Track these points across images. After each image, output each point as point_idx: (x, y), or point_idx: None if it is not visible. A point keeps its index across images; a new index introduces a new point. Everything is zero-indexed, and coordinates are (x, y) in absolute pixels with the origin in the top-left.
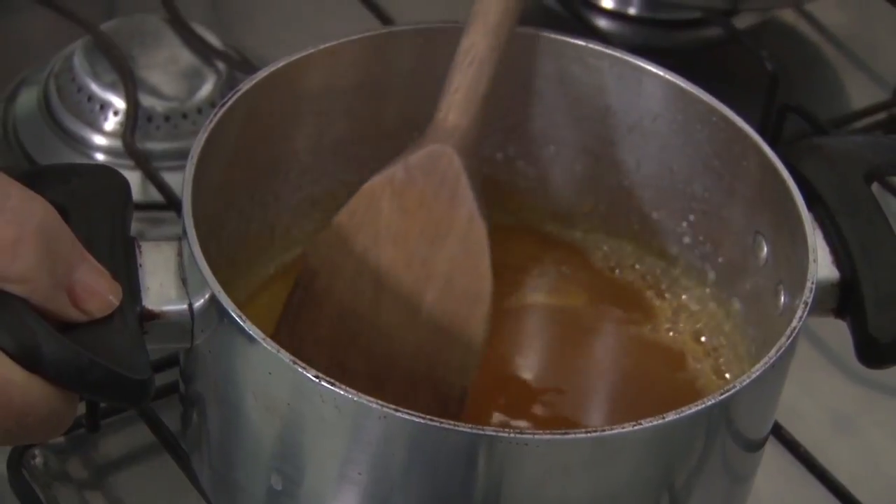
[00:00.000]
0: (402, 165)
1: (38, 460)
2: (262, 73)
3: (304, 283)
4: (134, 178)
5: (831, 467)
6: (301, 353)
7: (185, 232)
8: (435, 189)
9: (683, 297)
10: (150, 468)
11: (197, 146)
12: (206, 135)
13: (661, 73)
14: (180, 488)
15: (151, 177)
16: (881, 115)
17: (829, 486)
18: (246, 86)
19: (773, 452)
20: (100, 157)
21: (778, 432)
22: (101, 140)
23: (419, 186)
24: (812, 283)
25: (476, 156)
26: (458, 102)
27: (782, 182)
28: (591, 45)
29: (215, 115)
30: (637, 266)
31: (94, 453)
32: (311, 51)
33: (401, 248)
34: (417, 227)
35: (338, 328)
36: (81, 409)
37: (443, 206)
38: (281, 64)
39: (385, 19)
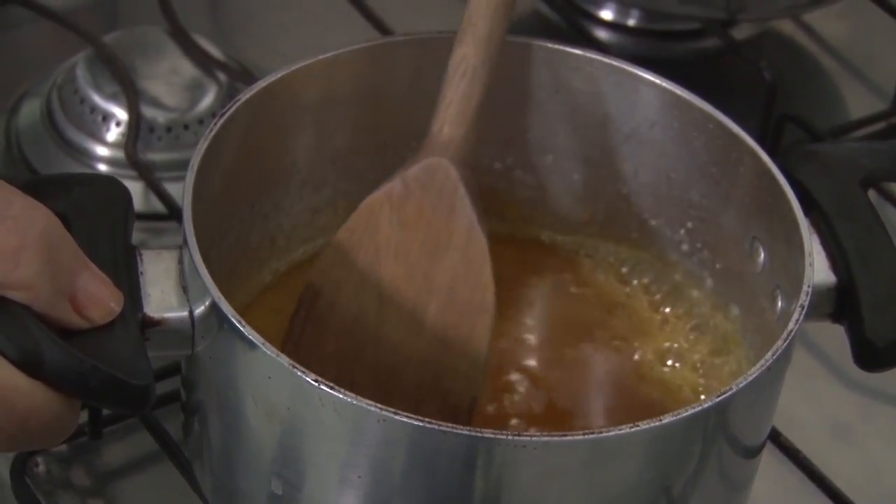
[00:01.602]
0: (399, 180)
1: (41, 468)
2: (260, 84)
3: (307, 302)
4: (136, 188)
5: (831, 475)
6: (308, 369)
7: (185, 240)
8: (433, 202)
9: (682, 303)
10: (152, 476)
11: (197, 156)
12: (205, 144)
13: (657, 80)
14: (182, 496)
15: (153, 187)
16: (879, 125)
17: (828, 493)
18: (245, 96)
19: (772, 460)
20: (102, 167)
21: (777, 440)
22: (104, 151)
23: (417, 200)
24: (808, 286)
25: (471, 167)
26: (451, 116)
27: (779, 188)
28: (587, 54)
29: (215, 124)
30: (635, 273)
31: (96, 461)
32: (310, 61)
33: (402, 262)
34: (418, 240)
35: (343, 344)
36: (84, 416)
37: (442, 219)
38: (279, 74)
39: (384, 30)
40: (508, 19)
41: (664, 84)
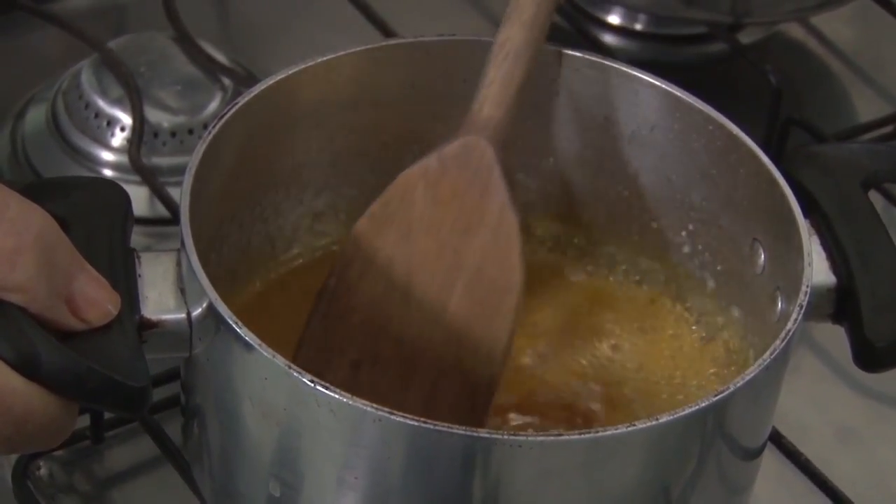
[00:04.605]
0: (436, 156)
1: (43, 471)
2: (260, 86)
3: (338, 272)
4: (140, 193)
5: (834, 478)
6: (333, 340)
7: (182, 242)
8: (468, 180)
9: (683, 305)
10: (153, 480)
11: (195, 158)
12: (204, 147)
13: (657, 83)
14: (184, 499)
15: (157, 192)
16: (887, 129)
17: (832, 497)
18: (244, 99)
19: (775, 463)
20: (107, 172)
21: (780, 442)
22: (108, 156)
23: (452, 177)
24: (807, 286)
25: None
26: (492, 95)
27: (779, 189)
28: (587, 56)
29: (213, 127)
30: (636, 276)
31: (98, 465)
32: (309, 63)
33: (433, 238)
34: (450, 217)
35: (370, 316)
36: (86, 420)
37: (475, 198)
38: (279, 77)
39: (389, 34)
40: (554, 5)
41: (664, 86)
